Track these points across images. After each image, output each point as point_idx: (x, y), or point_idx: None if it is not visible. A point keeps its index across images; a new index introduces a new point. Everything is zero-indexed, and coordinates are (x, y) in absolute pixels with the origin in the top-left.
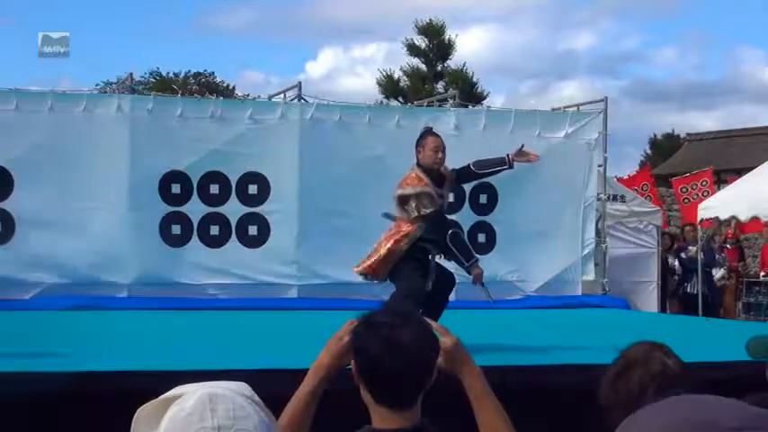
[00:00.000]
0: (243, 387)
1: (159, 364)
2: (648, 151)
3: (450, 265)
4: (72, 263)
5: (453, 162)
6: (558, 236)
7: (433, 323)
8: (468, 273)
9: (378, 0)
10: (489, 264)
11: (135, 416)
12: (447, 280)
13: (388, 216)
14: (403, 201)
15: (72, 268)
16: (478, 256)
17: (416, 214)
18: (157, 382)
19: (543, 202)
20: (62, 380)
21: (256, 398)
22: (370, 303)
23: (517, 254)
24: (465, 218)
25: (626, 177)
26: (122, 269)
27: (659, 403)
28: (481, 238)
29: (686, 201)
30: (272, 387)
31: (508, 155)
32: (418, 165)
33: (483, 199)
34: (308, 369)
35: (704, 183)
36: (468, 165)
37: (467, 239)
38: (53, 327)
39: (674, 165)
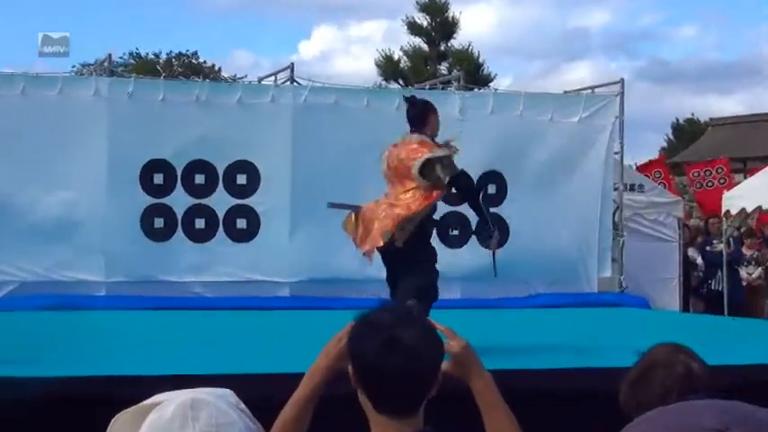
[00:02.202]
0: (227, 394)
1: (139, 368)
2: (671, 137)
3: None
4: (45, 259)
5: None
6: (571, 228)
7: (438, 325)
8: (489, 237)
9: None
10: (500, 258)
11: (110, 423)
12: None
13: (337, 206)
14: (427, 166)
15: (45, 265)
16: (487, 250)
17: (445, 178)
18: (137, 389)
19: (556, 193)
20: (33, 386)
21: (242, 405)
22: (368, 302)
23: (527, 247)
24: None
25: (638, 165)
26: (100, 266)
27: (651, 413)
28: None
29: (698, 186)
30: (262, 393)
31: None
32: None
33: (492, 189)
34: (302, 373)
35: (720, 170)
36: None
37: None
38: (23, 329)
39: (698, 151)
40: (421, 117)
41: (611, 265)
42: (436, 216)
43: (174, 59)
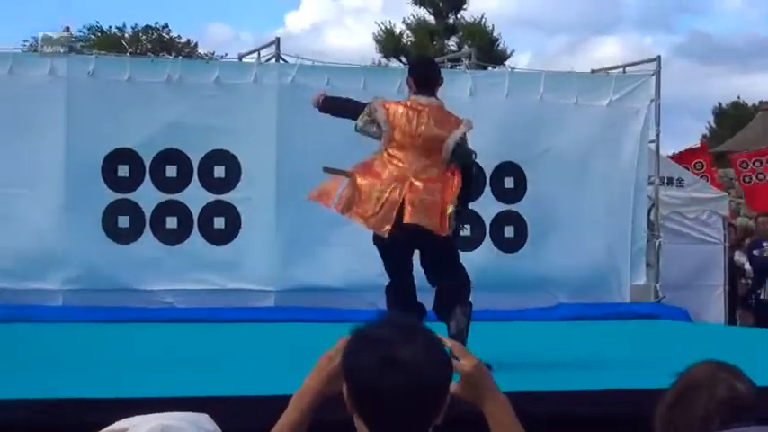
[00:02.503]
0: (203, 419)
1: (100, 390)
2: (713, 123)
3: None
4: None
5: (468, 137)
6: (600, 229)
7: (447, 340)
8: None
9: None
10: (518, 264)
11: None
12: None
13: (333, 171)
14: (462, 143)
15: None
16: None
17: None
18: (97, 414)
19: (583, 187)
20: None
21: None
22: (364, 314)
23: (550, 251)
24: (487, 206)
25: (674, 154)
26: (56, 272)
27: None
28: (508, 231)
29: (747, 179)
30: (243, 419)
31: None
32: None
33: (509, 182)
34: (289, 396)
35: None
36: None
37: None
38: None
39: (746, 139)
40: (439, 78)
41: (646, 271)
42: None
43: (141, 34)
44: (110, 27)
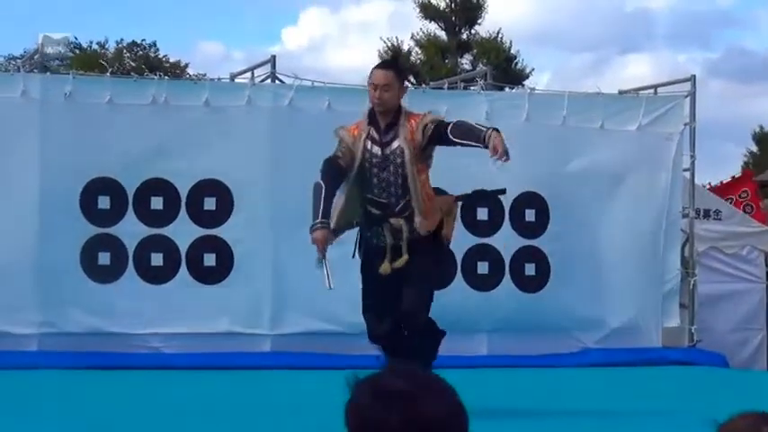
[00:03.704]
0: None
1: None
2: (754, 149)
3: None
4: None
5: (484, 165)
6: (629, 266)
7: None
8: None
9: None
10: (540, 305)
11: None
12: None
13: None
14: None
15: None
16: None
17: None
18: None
19: (610, 220)
20: None
21: None
22: (368, 359)
23: (574, 290)
24: (506, 241)
25: (718, 184)
26: (30, 314)
27: None
28: (529, 269)
29: None
30: None
31: (487, 133)
32: None
33: (530, 215)
34: None
35: None
36: (449, 124)
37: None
38: None
39: None
40: None
41: (680, 312)
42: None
43: (125, 50)
44: (90, 43)
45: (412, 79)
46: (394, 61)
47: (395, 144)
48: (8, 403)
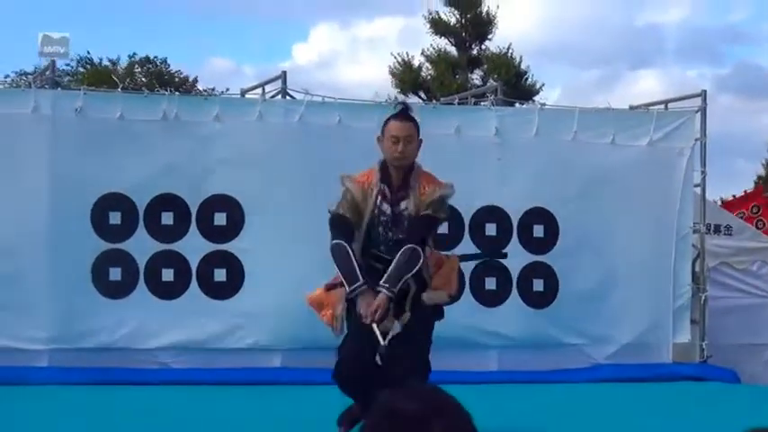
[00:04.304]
0: None
1: None
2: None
3: None
4: None
5: (493, 181)
6: (639, 282)
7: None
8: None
9: None
10: (548, 321)
11: None
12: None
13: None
14: None
15: None
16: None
17: None
18: None
19: (620, 236)
20: None
21: None
22: None
23: (584, 306)
24: (515, 257)
25: (729, 199)
26: (41, 329)
27: None
28: (538, 285)
29: None
30: None
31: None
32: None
33: (538, 231)
34: None
35: None
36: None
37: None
38: None
39: None
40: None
41: (691, 327)
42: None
43: (136, 66)
44: (101, 59)
45: (422, 95)
46: (409, 111)
47: (403, 204)
48: (20, 418)
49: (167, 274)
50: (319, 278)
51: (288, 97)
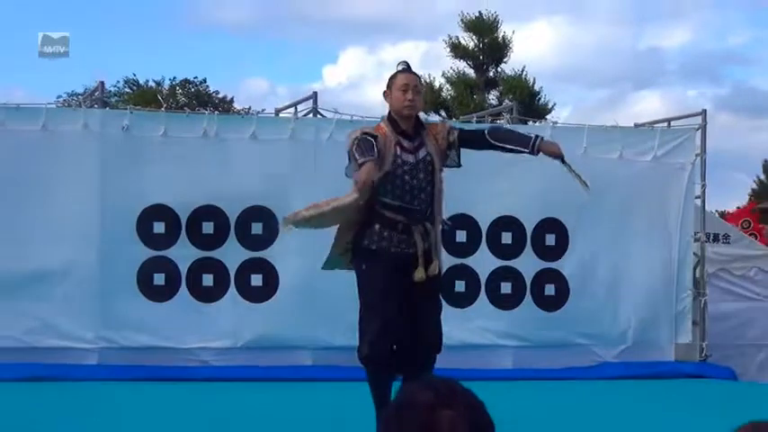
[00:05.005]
0: None
1: None
2: (762, 178)
3: None
4: (22, 321)
5: (509, 193)
6: (644, 286)
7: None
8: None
9: None
10: (560, 323)
11: None
12: None
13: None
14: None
15: (25, 328)
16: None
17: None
18: None
19: (626, 244)
20: None
21: None
22: None
23: (592, 309)
24: (528, 264)
25: (730, 212)
26: (90, 329)
27: None
28: (549, 289)
29: None
30: None
31: (536, 140)
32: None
33: (550, 240)
34: None
35: None
36: (483, 131)
37: None
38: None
39: None
40: (384, 92)
41: (692, 329)
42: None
43: (178, 87)
44: (146, 81)
45: (443, 114)
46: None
47: (422, 152)
48: (71, 413)
49: (207, 280)
50: (345, 281)
51: (319, 116)
